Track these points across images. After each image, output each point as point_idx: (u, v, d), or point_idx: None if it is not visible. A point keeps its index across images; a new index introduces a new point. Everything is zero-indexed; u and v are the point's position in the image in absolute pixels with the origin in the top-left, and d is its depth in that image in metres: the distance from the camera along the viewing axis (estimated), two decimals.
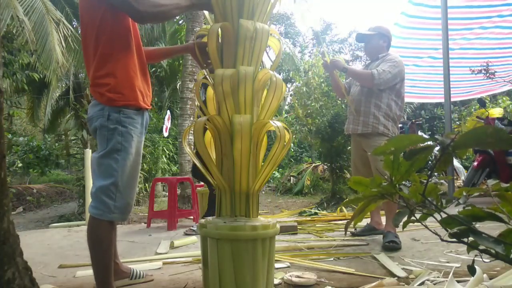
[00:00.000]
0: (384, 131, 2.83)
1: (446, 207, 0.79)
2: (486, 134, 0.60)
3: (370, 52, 3.08)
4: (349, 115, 3.04)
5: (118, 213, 1.66)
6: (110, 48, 1.65)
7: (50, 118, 12.35)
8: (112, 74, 1.65)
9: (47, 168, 9.96)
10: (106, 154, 1.64)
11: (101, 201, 1.63)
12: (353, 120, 2.94)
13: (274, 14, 1.74)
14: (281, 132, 1.46)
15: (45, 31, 7.10)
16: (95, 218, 1.64)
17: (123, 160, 1.65)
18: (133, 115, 1.70)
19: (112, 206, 1.63)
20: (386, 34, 3.01)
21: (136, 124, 1.72)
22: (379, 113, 2.83)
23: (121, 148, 1.65)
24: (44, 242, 3.34)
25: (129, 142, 1.68)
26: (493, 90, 7.22)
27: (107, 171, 1.64)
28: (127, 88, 1.68)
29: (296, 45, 20.37)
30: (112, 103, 1.65)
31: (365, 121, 2.87)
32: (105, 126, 1.65)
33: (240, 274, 1.40)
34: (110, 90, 1.65)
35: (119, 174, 1.64)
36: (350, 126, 2.98)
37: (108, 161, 1.64)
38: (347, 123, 3.07)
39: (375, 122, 2.83)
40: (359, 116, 2.89)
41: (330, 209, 5.72)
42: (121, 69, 1.67)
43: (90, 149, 4.94)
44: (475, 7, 4.85)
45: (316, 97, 6.85)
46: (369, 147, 2.83)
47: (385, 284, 1.75)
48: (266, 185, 9.92)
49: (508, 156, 4.55)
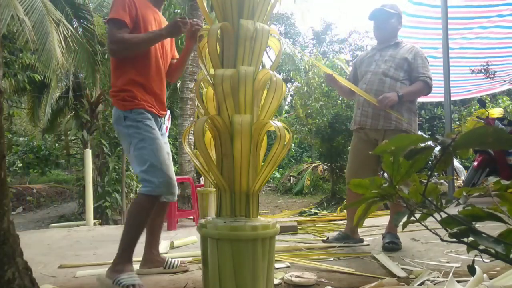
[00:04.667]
0: (408, 128, 2.59)
1: (446, 207, 0.79)
2: (486, 134, 0.60)
3: (385, 35, 2.74)
4: (363, 107, 2.67)
5: (164, 187, 1.89)
6: (124, 61, 1.98)
7: (50, 118, 12.32)
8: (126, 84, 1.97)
9: (47, 168, 9.97)
10: (134, 148, 1.91)
11: (148, 181, 1.87)
12: (373, 114, 2.61)
13: (274, 14, 1.74)
14: (281, 132, 1.46)
15: (45, 31, 7.09)
16: (143, 193, 1.89)
17: (150, 145, 1.90)
18: (143, 112, 1.96)
19: (157, 182, 1.86)
20: (401, 16, 2.76)
21: (147, 119, 1.96)
22: (402, 107, 2.59)
23: (143, 137, 1.91)
24: (44, 242, 3.34)
25: (147, 131, 1.93)
26: (493, 89, 7.22)
27: (141, 159, 1.89)
28: (139, 95, 1.96)
29: (296, 45, 20.36)
30: (125, 108, 1.94)
31: (387, 115, 2.57)
32: (123, 127, 1.95)
33: (240, 274, 1.40)
34: (124, 98, 1.95)
35: (152, 157, 1.89)
36: (369, 120, 2.63)
37: (138, 152, 1.90)
38: (360, 115, 2.69)
39: (398, 118, 2.58)
40: (379, 110, 2.58)
41: (330, 209, 5.72)
42: (133, 79, 1.97)
43: (90, 149, 4.94)
44: (475, 7, 4.85)
45: (316, 97, 6.86)
46: None
47: (385, 284, 1.75)
48: (266, 185, 9.92)
49: (508, 156, 4.54)
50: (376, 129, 2.63)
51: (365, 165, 2.68)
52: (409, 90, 2.61)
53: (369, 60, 2.79)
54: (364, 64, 2.81)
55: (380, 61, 2.71)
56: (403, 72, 2.66)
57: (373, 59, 2.76)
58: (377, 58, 2.74)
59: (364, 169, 2.68)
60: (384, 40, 2.77)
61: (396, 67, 2.65)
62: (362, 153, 2.68)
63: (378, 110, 2.59)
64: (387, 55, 2.70)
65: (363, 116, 2.66)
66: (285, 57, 14.00)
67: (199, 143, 1.50)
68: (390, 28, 2.72)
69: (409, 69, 2.66)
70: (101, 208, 5.61)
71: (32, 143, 10.17)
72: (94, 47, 8.46)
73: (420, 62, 2.64)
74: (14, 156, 9.69)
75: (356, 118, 2.72)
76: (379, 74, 2.66)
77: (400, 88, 2.60)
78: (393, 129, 2.59)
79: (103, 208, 5.63)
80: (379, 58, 2.73)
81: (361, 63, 2.85)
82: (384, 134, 2.62)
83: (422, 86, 2.60)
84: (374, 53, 2.80)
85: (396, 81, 2.63)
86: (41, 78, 8.64)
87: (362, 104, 2.68)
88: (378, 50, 2.78)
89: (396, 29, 2.74)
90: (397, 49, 2.70)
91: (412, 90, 2.61)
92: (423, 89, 2.60)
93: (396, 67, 2.65)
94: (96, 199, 5.52)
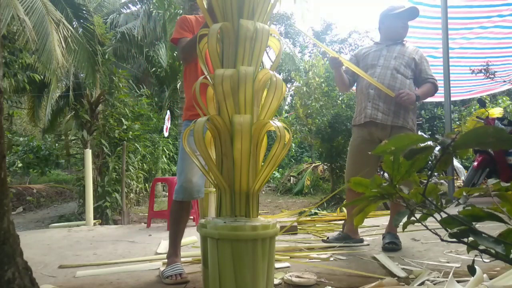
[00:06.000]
0: (412, 127, 2.65)
1: (446, 207, 0.79)
2: (486, 134, 0.60)
3: (403, 34, 2.76)
4: (374, 101, 2.64)
5: (177, 194, 2.11)
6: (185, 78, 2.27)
7: (50, 118, 12.35)
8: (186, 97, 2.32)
9: (47, 168, 9.97)
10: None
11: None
12: (383, 108, 2.61)
13: (274, 14, 1.74)
14: (281, 132, 1.46)
15: (45, 31, 7.10)
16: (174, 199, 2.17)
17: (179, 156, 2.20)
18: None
19: (175, 191, 2.13)
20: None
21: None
22: (409, 106, 2.61)
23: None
24: (44, 242, 3.34)
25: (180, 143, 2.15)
26: (493, 90, 7.22)
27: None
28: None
29: (296, 45, 20.37)
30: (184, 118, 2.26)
31: (396, 111, 2.58)
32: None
33: (240, 274, 1.40)
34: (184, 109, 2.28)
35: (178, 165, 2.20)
36: (379, 114, 2.60)
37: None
38: (371, 108, 2.64)
39: (406, 115, 2.61)
40: (390, 105, 2.59)
41: (330, 209, 5.72)
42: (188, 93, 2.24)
43: (90, 149, 4.94)
44: (475, 7, 4.85)
45: (316, 97, 6.86)
46: None
47: (385, 284, 1.75)
48: (266, 185, 9.92)
49: (508, 156, 4.55)
50: (384, 125, 2.62)
51: (367, 165, 2.63)
52: (423, 91, 2.65)
53: (375, 54, 2.77)
54: (370, 57, 2.78)
55: (389, 56, 2.71)
56: (410, 70, 2.69)
57: (381, 53, 2.75)
58: (384, 53, 2.74)
59: (365, 169, 2.62)
60: (397, 38, 2.76)
61: (406, 65, 2.68)
62: (365, 154, 2.60)
63: (389, 105, 2.60)
64: (395, 51, 2.71)
65: (374, 109, 2.63)
66: (285, 57, 14.02)
67: (199, 143, 1.50)
68: (406, 28, 2.77)
69: (416, 69, 2.70)
70: (101, 208, 5.61)
71: (32, 143, 10.17)
72: (94, 47, 8.46)
73: (426, 64, 2.71)
74: (14, 156, 9.69)
75: (367, 111, 2.66)
76: (390, 69, 2.65)
77: (409, 85, 2.64)
78: (400, 126, 2.61)
79: (103, 208, 5.63)
80: (387, 53, 2.73)
81: (366, 56, 2.82)
82: (391, 130, 2.62)
83: (432, 88, 2.65)
84: (381, 48, 2.78)
85: (406, 79, 2.66)
86: (41, 78, 8.65)
87: (373, 97, 2.65)
88: (386, 46, 2.77)
89: (408, 29, 2.80)
90: (403, 48, 2.73)
91: (425, 91, 2.65)
92: (432, 90, 2.66)
93: (406, 65, 2.68)
94: (96, 199, 5.52)
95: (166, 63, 11.06)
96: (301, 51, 19.70)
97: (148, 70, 11.94)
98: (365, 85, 2.72)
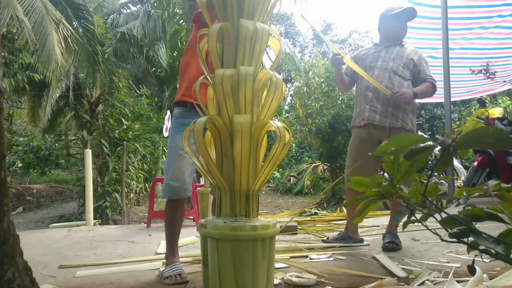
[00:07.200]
0: (411, 128, 2.65)
1: (446, 207, 0.79)
2: (486, 135, 0.60)
3: (402, 34, 2.77)
4: (372, 103, 2.65)
5: (163, 192, 2.08)
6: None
7: (50, 118, 12.34)
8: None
9: (47, 168, 9.97)
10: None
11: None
12: (381, 110, 2.61)
13: (274, 14, 1.74)
14: (281, 132, 1.46)
15: (45, 31, 7.10)
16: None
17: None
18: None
19: (162, 189, 2.11)
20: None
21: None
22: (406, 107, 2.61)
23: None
24: (44, 242, 3.34)
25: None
26: (493, 90, 7.22)
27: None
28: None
29: (296, 45, 20.37)
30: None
31: (394, 113, 2.59)
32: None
33: (240, 274, 1.40)
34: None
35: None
36: (377, 116, 2.61)
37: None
38: (368, 110, 2.65)
39: (404, 117, 2.61)
40: (388, 107, 2.60)
41: (330, 209, 5.72)
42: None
43: (90, 149, 4.94)
44: (475, 7, 4.85)
45: (316, 97, 6.86)
46: None
47: (385, 284, 1.75)
48: (266, 185, 9.92)
49: (508, 156, 4.54)
50: (383, 127, 2.62)
51: (367, 166, 2.60)
52: (421, 89, 2.64)
53: (374, 56, 2.78)
54: (369, 59, 2.79)
55: (387, 58, 2.71)
56: (409, 71, 2.69)
57: (379, 55, 2.75)
58: (383, 55, 2.74)
59: (365, 170, 2.59)
60: (396, 39, 2.76)
61: (404, 66, 2.68)
62: (365, 154, 2.48)
63: (386, 107, 2.60)
64: (393, 52, 2.71)
65: (371, 111, 2.64)
66: (285, 57, 14.01)
67: (199, 143, 1.50)
68: (405, 29, 2.77)
69: (414, 70, 2.70)
70: (101, 208, 5.61)
71: (32, 143, 10.16)
72: (94, 47, 8.46)
73: (425, 65, 2.71)
74: (14, 156, 9.69)
75: (365, 114, 2.67)
76: (388, 71, 2.66)
77: (407, 87, 2.63)
78: (399, 127, 2.61)
79: (103, 208, 5.63)
80: (385, 55, 2.73)
81: (364, 58, 2.82)
82: (389, 132, 2.63)
83: (430, 87, 2.65)
84: (380, 49, 2.79)
85: (404, 80, 2.66)
86: (41, 78, 8.65)
87: (371, 99, 2.66)
88: (384, 47, 2.77)
89: (407, 30, 2.80)
90: (402, 49, 2.73)
91: (423, 90, 2.64)
92: (431, 90, 2.66)
93: (404, 66, 2.68)
94: (96, 199, 5.52)
95: (166, 63, 11.06)
96: (301, 51, 19.72)
97: (148, 70, 11.94)
98: (364, 87, 2.72)
